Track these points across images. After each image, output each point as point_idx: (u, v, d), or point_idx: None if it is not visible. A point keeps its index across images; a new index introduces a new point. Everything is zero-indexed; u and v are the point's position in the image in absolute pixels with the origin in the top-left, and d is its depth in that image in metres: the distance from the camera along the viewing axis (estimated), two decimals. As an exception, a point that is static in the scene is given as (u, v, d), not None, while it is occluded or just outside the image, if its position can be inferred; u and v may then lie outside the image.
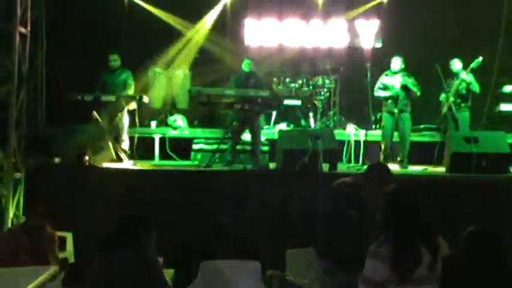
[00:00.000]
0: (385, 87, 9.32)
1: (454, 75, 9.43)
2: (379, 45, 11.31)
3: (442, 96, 9.49)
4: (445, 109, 9.48)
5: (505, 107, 9.99)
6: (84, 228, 6.93)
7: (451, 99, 9.34)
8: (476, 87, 9.32)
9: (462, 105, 9.40)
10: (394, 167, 9.05)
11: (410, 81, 9.17)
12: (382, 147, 9.33)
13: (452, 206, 7.09)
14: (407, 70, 9.32)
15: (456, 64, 9.41)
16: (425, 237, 3.47)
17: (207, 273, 5.23)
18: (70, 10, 10.27)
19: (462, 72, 9.32)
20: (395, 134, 9.35)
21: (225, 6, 11.39)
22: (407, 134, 9.30)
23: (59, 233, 6.43)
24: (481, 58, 9.15)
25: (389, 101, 9.25)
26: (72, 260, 6.70)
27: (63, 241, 6.71)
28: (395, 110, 9.18)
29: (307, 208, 5.79)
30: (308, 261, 4.73)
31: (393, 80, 9.26)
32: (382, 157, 9.25)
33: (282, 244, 5.79)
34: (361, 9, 11.42)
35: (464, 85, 9.33)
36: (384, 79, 9.38)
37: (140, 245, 3.78)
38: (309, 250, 4.63)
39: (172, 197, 7.50)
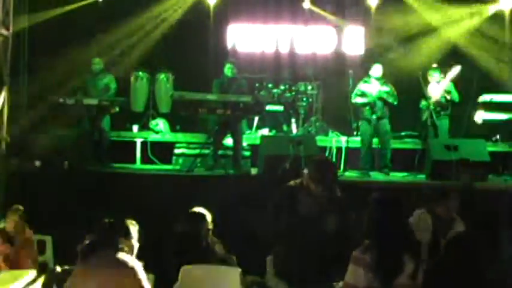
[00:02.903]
0: (362, 94, 9.37)
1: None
2: (361, 52, 11.38)
3: (423, 103, 9.54)
4: (425, 115, 9.52)
5: (480, 116, 10.03)
6: (64, 232, 6.87)
7: (432, 106, 9.39)
8: (455, 96, 9.40)
9: (442, 113, 9.45)
10: (376, 175, 9.15)
11: (386, 92, 9.24)
12: (362, 154, 9.35)
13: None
14: (385, 77, 9.40)
15: (435, 76, 9.48)
16: (409, 245, 3.49)
17: (187, 279, 5.22)
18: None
19: (442, 80, 9.39)
20: (375, 140, 9.40)
21: (208, 9, 11.32)
22: (388, 139, 9.35)
23: (39, 237, 6.38)
24: (459, 67, 9.25)
25: (367, 108, 9.31)
26: (51, 264, 6.64)
27: (42, 245, 6.65)
28: (373, 117, 9.24)
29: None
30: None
31: (371, 87, 9.32)
32: (361, 164, 9.28)
33: (262, 250, 5.78)
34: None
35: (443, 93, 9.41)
36: (361, 86, 9.44)
37: (119, 251, 3.75)
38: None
39: (153, 202, 7.47)
